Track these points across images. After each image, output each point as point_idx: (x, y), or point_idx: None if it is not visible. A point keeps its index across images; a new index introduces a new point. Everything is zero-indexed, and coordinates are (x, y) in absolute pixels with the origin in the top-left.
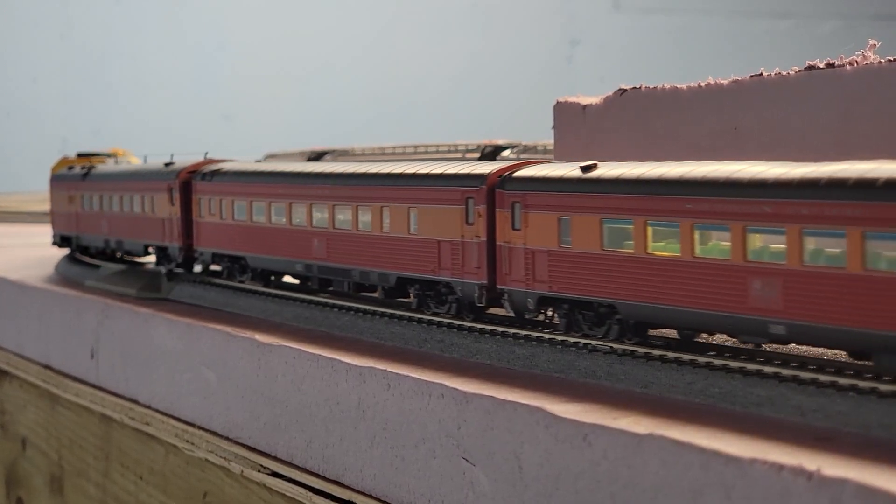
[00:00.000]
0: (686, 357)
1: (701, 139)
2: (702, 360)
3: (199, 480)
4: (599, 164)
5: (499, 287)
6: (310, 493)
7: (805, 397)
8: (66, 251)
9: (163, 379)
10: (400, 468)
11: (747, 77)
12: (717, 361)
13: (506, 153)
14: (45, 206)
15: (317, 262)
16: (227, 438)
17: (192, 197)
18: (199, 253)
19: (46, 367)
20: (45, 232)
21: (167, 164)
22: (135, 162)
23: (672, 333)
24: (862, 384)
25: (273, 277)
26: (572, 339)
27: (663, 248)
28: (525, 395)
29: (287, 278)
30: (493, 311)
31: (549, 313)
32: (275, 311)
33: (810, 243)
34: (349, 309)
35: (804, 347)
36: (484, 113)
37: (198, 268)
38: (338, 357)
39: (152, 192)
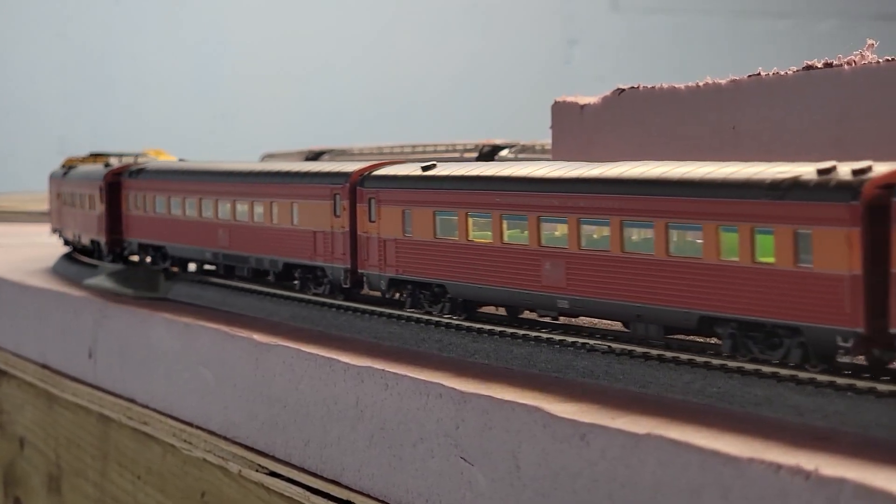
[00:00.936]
0: (684, 357)
1: (699, 139)
2: (700, 359)
3: (197, 480)
4: (438, 164)
5: (360, 271)
6: (308, 493)
7: (803, 397)
8: (65, 250)
9: (161, 379)
10: (398, 468)
11: (745, 77)
12: (715, 361)
13: (504, 153)
14: (43, 206)
15: (222, 250)
16: (224, 438)
17: (121, 194)
18: (126, 243)
19: (44, 366)
20: (44, 231)
21: (106, 165)
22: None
23: (500, 310)
24: (860, 384)
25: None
26: (570, 339)
27: (481, 235)
28: (523, 394)
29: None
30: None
31: (399, 293)
32: (272, 311)
33: (585, 231)
34: (347, 308)
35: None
36: (483, 113)
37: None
38: (336, 357)
39: (91, 191)
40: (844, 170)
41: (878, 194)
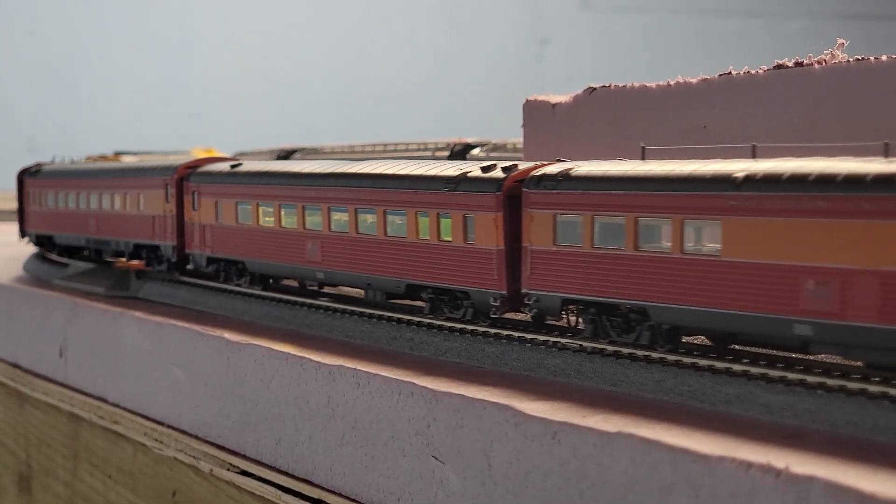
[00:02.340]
0: (655, 355)
1: (670, 137)
2: (671, 358)
3: (168, 479)
4: (244, 163)
5: (186, 251)
6: (279, 492)
7: (773, 395)
8: (34, 249)
9: (131, 378)
10: (369, 466)
11: (716, 76)
12: (686, 359)
13: (475, 151)
14: (15, 205)
15: (92, 236)
16: (196, 437)
17: (25, 191)
18: (28, 234)
19: (15, 365)
20: (12, 230)
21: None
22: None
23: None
24: (830, 382)
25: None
26: (542, 338)
27: (269, 222)
28: (494, 393)
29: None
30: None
31: (216, 269)
32: (244, 310)
33: (334, 217)
34: (319, 307)
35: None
36: (454, 111)
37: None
38: (307, 355)
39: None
40: (498, 168)
41: (515, 187)
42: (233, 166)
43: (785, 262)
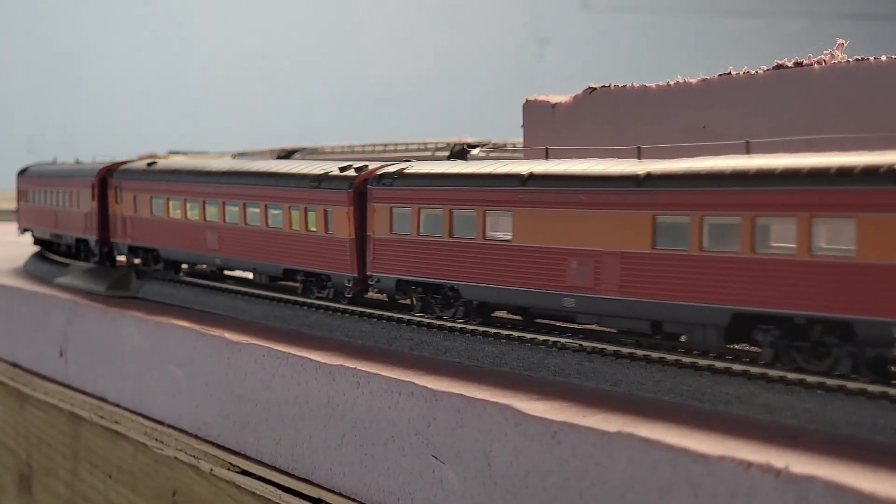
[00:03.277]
0: (655, 355)
1: (670, 137)
2: (670, 357)
3: (168, 479)
4: (158, 162)
5: (111, 240)
6: (279, 492)
7: (773, 395)
8: (35, 249)
9: (132, 377)
10: (369, 466)
11: (716, 76)
12: (686, 359)
13: (475, 151)
14: (13, 205)
15: (53, 230)
16: (196, 437)
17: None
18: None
19: (15, 365)
20: (12, 230)
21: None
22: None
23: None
24: (829, 382)
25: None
26: (542, 338)
27: (177, 214)
28: (494, 393)
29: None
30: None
31: (137, 258)
32: (244, 310)
33: (228, 211)
34: (319, 307)
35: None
36: (454, 111)
37: None
38: (307, 355)
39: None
40: (352, 169)
41: (363, 185)
42: (149, 164)
43: (556, 246)
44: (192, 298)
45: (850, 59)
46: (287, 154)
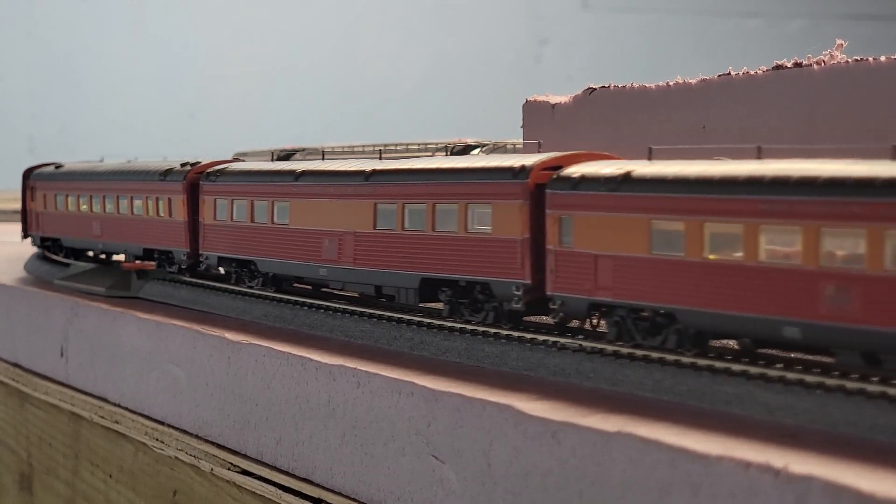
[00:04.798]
0: (654, 355)
1: (669, 138)
2: (670, 357)
3: (169, 478)
4: (65, 165)
5: (29, 233)
6: (279, 491)
7: (772, 395)
8: (35, 249)
9: (132, 377)
10: (369, 466)
11: (715, 76)
12: (685, 359)
13: (475, 152)
14: (14, 205)
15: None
16: (196, 436)
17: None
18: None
19: (15, 365)
20: (14, 230)
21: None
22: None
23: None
24: (829, 382)
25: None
26: (541, 338)
27: (72, 208)
28: (494, 393)
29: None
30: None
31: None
32: (244, 310)
33: (107, 203)
34: (319, 307)
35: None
36: (454, 111)
37: None
38: (308, 355)
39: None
40: (189, 165)
41: (195, 178)
42: (56, 167)
43: (315, 228)
44: (193, 298)
45: (850, 60)
46: (286, 155)
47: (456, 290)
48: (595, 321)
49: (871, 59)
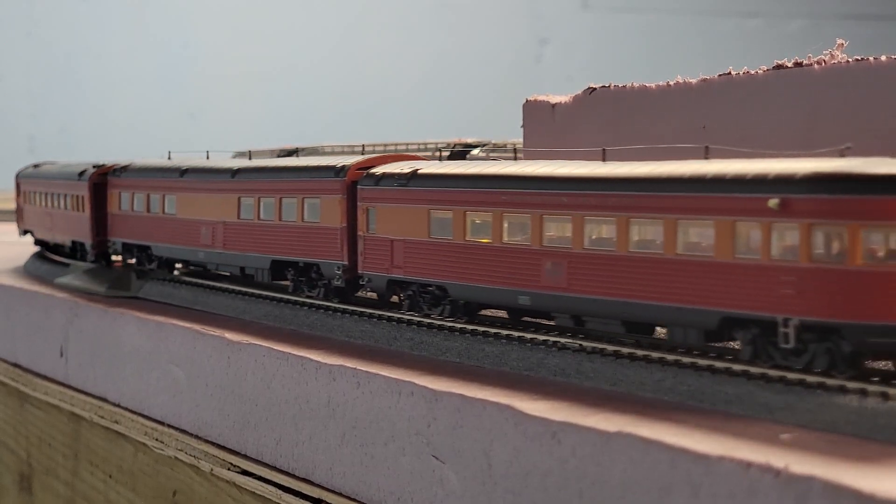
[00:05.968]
0: (655, 355)
1: (669, 137)
2: (670, 357)
3: (169, 479)
4: (42, 166)
5: (20, 228)
6: (279, 492)
7: (773, 395)
8: (35, 249)
9: (132, 377)
10: (369, 466)
11: (716, 76)
12: (686, 359)
13: (475, 152)
14: (12, 205)
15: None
16: (196, 437)
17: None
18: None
19: (15, 365)
20: (13, 230)
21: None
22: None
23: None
24: (829, 382)
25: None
26: (542, 338)
27: (37, 204)
28: (494, 393)
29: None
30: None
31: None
32: (244, 310)
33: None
34: (319, 307)
35: None
36: (454, 111)
37: None
38: (307, 355)
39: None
40: (103, 164)
41: (99, 179)
42: (35, 166)
43: (194, 218)
44: (193, 298)
45: (850, 60)
46: (287, 154)
47: (297, 270)
48: (398, 297)
49: (871, 59)
